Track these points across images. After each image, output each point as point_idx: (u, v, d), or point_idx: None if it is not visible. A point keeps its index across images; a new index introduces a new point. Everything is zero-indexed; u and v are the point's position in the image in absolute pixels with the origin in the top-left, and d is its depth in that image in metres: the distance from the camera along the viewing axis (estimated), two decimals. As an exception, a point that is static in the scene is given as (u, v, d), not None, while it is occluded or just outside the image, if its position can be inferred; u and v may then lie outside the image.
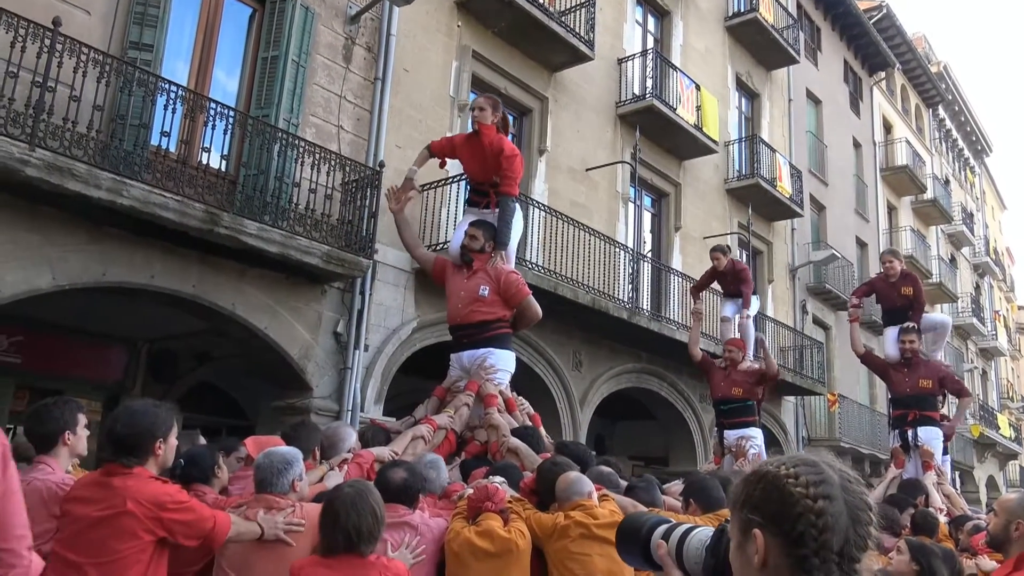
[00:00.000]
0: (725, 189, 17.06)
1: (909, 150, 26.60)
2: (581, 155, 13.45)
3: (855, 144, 24.46)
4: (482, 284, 5.42)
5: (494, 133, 5.63)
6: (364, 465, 4.21)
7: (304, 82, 9.30)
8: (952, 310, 30.14)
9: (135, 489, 2.85)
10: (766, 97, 19.41)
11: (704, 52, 17.22)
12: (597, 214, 13.48)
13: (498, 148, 5.57)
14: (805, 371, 17.21)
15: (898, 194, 26.78)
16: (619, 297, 12.66)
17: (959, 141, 34.41)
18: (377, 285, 9.87)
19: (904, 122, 28.44)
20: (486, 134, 5.60)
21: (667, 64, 15.07)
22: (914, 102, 29.94)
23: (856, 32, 24.24)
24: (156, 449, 2.98)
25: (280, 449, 3.50)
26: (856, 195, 23.83)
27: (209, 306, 8.39)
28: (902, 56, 27.19)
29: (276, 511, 3.23)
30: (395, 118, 10.48)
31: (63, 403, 3.39)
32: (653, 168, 15.02)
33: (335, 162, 8.98)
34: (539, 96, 12.82)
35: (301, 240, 8.38)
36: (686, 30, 16.74)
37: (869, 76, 25.90)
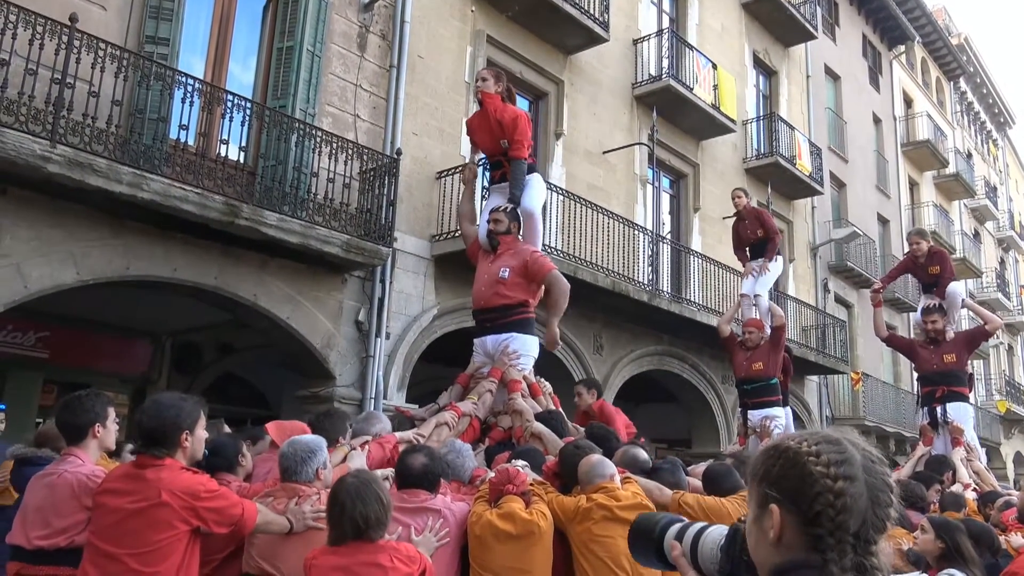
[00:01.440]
0: (744, 168, 16.90)
1: (930, 124, 26.22)
2: (598, 138, 13.38)
3: (875, 120, 24.15)
4: (503, 266, 5.42)
5: (499, 101, 5.63)
6: (387, 446, 4.22)
7: (320, 72, 9.31)
8: (977, 285, 29.79)
9: (168, 480, 2.89)
10: (784, 74, 19.18)
11: (720, 30, 17.03)
12: (615, 197, 13.42)
13: (502, 114, 5.57)
14: (828, 350, 17.08)
15: (920, 169, 26.43)
16: (639, 280, 12.62)
17: (981, 114, 33.87)
18: (397, 273, 9.90)
19: (925, 96, 28.03)
20: (489, 103, 5.60)
21: (683, 43, 14.92)
22: (935, 75, 29.48)
23: (874, 5, 23.87)
24: (183, 441, 3.01)
25: (304, 438, 3.52)
26: (877, 171, 23.55)
27: (231, 297, 8.45)
28: (922, 29, 26.75)
29: (302, 499, 3.25)
30: (411, 105, 10.47)
31: (94, 396, 3.43)
32: (671, 149, 14.91)
33: (352, 151, 8.99)
34: (555, 79, 12.75)
35: (320, 230, 8.41)
36: (702, 9, 16.56)
37: (888, 50, 25.52)
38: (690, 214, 15.45)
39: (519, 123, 5.54)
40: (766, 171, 16.81)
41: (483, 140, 5.86)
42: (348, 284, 9.45)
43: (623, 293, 11.88)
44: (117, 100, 7.19)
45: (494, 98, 5.61)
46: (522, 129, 5.56)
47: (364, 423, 4.48)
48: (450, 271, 10.18)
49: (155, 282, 8.09)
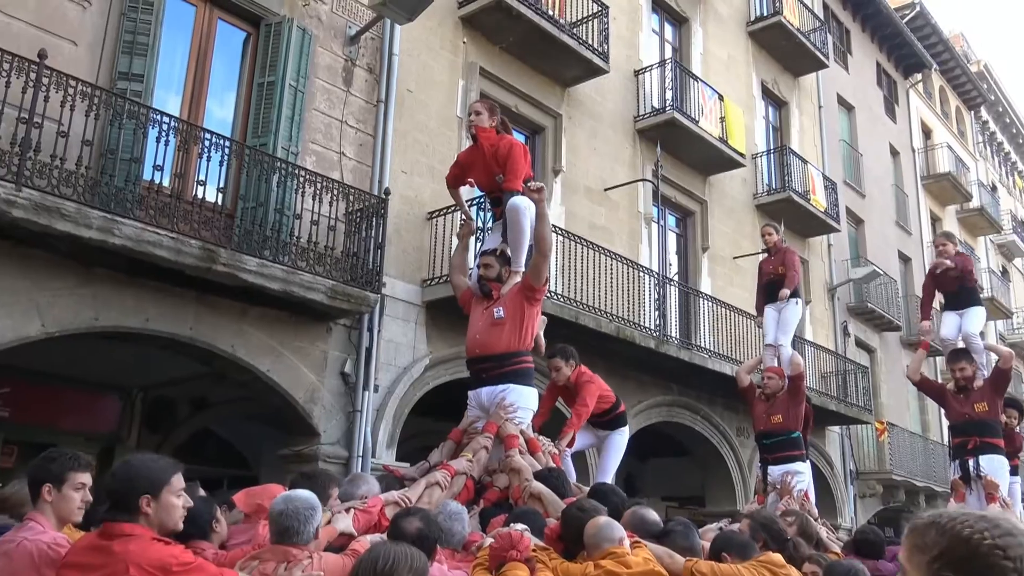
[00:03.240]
0: (755, 205, 17.04)
1: (951, 156, 26.50)
2: (599, 174, 13.50)
3: (892, 151, 24.42)
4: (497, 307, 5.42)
5: (493, 135, 5.68)
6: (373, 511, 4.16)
7: (303, 108, 9.41)
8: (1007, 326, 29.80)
9: (137, 553, 2.77)
10: (795, 105, 19.44)
11: (726, 60, 17.30)
12: (618, 236, 13.49)
13: (496, 145, 5.63)
14: (850, 398, 17.03)
15: (941, 203, 26.64)
16: (645, 325, 12.62)
17: (1005, 144, 34.26)
18: (386, 321, 9.90)
19: (944, 126, 28.38)
20: (484, 138, 5.65)
21: (687, 74, 15.14)
22: (954, 104, 29.88)
23: (888, 32, 24.30)
24: (144, 506, 2.89)
25: (301, 493, 3.42)
26: (896, 206, 23.74)
27: (207, 349, 8.43)
28: (939, 56, 27.20)
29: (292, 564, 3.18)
30: (400, 142, 10.57)
31: (62, 455, 3.32)
32: (677, 185, 15.04)
33: (338, 191, 9.05)
34: (552, 113, 12.91)
35: (304, 275, 8.42)
36: (706, 37, 16.85)
37: (904, 79, 25.91)
38: (698, 254, 15.52)
39: (513, 151, 5.59)
40: (778, 207, 16.92)
41: (479, 177, 5.91)
42: (333, 333, 9.44)
43: (628, 339, 11.87)
44: (87, 140, 7.26)
45: (489, 132, 5.66)
46: (515, 157, 5.59)
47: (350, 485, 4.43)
48: (442, 318, 10.17)
49: (126, 333, 8.07)
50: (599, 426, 6.99)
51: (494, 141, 5.64)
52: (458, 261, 6.16)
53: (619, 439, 7.03)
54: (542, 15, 11.80)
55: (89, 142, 7.28)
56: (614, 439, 7.02)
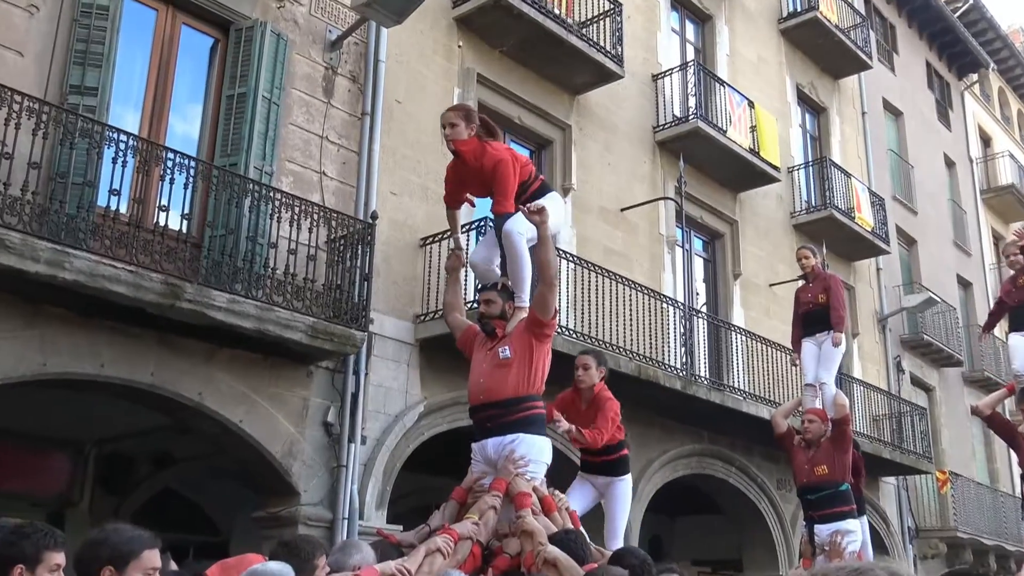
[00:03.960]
0: (792, 225, 17.08)
1: (1014, 166, 26.60)
2: (614, 192, 13.56)
3: (947, 162, 24.51)
4: (503, 347, 5.40)
5: (475, 144, 5.66)
6: (368, 583, 4.14)
7: (278, 122, 9.48)
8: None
9: None
10: (835, 111, 19.56)
11: (756, 61, 17.44)
12: (637, 263, 13.51)
13: (482, 161, 5.62)
14: (906, 444, 16.94)
15: (1005, 219, 26.66)
16: (670, 363, 12.60)
17: (1075, 152, 34.38)
18: (374, 363, 9.89)
19: (1005, 132, 28.50)
20: (467, 153, 5.64)
21: (712, 78, 15.25)
22: (1015, 107, 30.04)
23: (939, 28, 24.47)
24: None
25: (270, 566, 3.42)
26: (953, 224, 23.78)
27: (170, 397, 8.42)
28: (997, 54, 27.36)
29: None
30: (388, 159, 10.63)
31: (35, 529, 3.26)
32: (703, 204, 15.10)
33: (318, 216, 9.09)
34: (560, 124, 12.99)
35: (280, 312, 8.43)
36: (732, 36, 17.00)
37: (958, 80, 26.07)
38: (729, 281, 15.54)
39: (499, 170, 5.58)
40: (819, 227, 16.96)
41: (476, 191, 5.93)
42: (314, 378, 9.43)
43: (651, 380, 11.84)
44: (35, 162, 7.30)
45: (470, 144, 5.65)
46: (503, 176, 5.56)
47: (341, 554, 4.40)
48: (439, 358, 10.17)
49: (78, 381, 8.06)
50: (598, 470, 6.98)
51: (478, 153, 5.63)
52: (451, 298, 6.13)
53: (624, 488, 7.04)
54: (547, 14, 11.91)
55: (36, 164, 7.33)
56: (619, 489, 7.02)
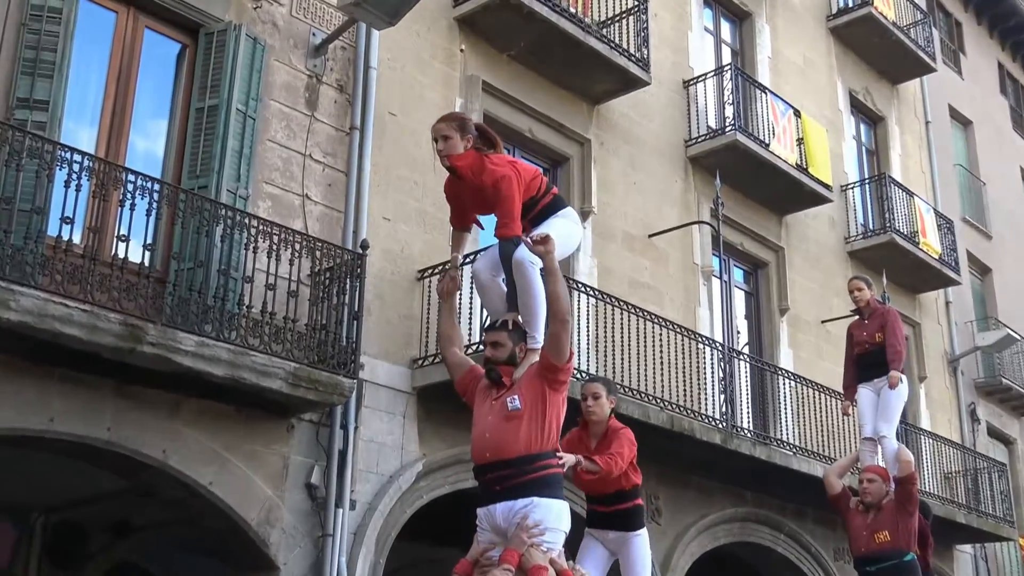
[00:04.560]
0: (847, 252, 17.07)
1: (1104, 182, 26.53)
2: (641, 216, 13.57)
3: (1025, 178, 24.47)
4: (512, 396, 5.35)
5: (472, 159, 5.64)
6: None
7: (254, 139, 9.52)
8: None
9: None
10: (893, 120, 19.59)
11: (802, 64, 17.51)
12: (668, 297, 13.50)
13: (480, 178, 5.58)
14: (983, 506, 16.76)
15: (1094, 244, 26.59)
16: (708, 413, 12.53)
17: None
18: (365, 415, 9.86)
19: (1092, 143, 28.44)
20: (463, 168, 5.62)
21: (752, 84, 15.31)
22: (1103, 115, 30.03)
23: (1012, 25, 24.54)
24: None
25: None
26: (1034, 249, 23.69)
27: (130, 456, 8.38)
28: (1080, 53, 27.39)
29: None
30: (381, 180, 10.67)
31: None
32: (743, 228, 15.11)
33: (300, 245, 9.10)
34: (577, 138, 13.04)
35: (257, 357, 8.42)
36: (775, 37, 17.08)
37: (1036, 83, 26.09)
38: (774, 318, 15.49)
39: (501, 188, 5.53)
40: (878, 254, 16.92)
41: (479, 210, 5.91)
42: (296, 433, 9.40)
43: (685, 433, 11.78)
44: (-24, 187, 7.34)
45: (466, 159, 5.64)
46: (505, 196, 5.51)
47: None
48: (440, 409, 10.14)
49: (24, 438, 8.03)
50: (609, 523, 6.87)
51: (476, 169, 5.61)
52: (447, 329, 6.08)
53: (642, 544, 6.92)
54: (562, 13, 11.99)
55: (-22, 189, 7.36)
56: (636, 546, 6.91)
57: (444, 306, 6.09)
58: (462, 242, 6.12)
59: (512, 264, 5.50)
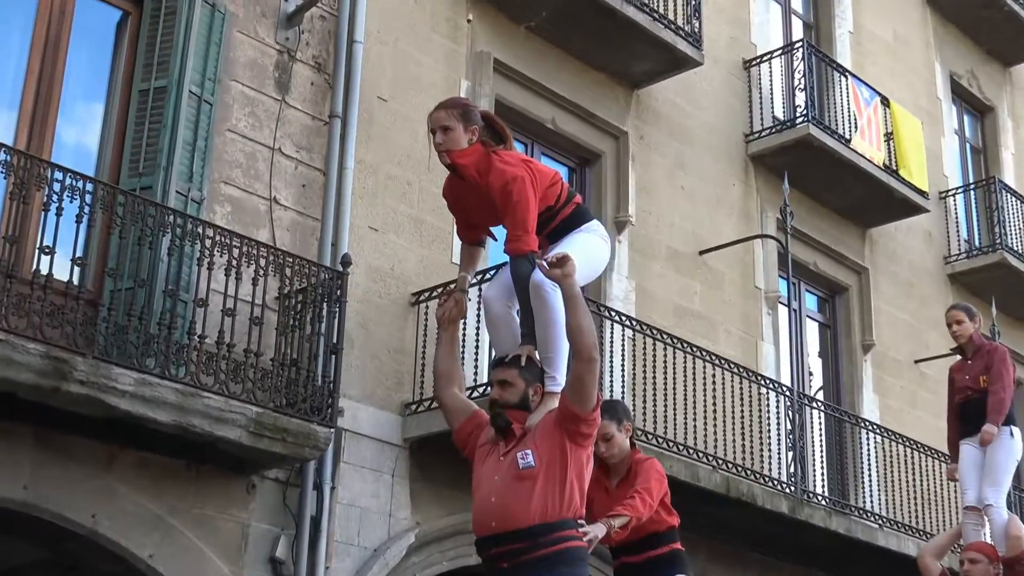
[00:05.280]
0: (947, 274, 16.97)
1: None
2: (690, 227, 13.54)
3: None
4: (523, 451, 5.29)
5: (478, 156, 5.59)
6: None
7: (211, 129, 9.53)
8: None
9: None
10: (1005, 112, 19.50)
11: (892, 42, 17.48)
12: (723, 329, 13.45)
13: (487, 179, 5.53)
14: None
15: None
16: (772, 475, 12.48)
17: None
18: (344, 473, 9.82)
19: None
20: (466, 167, 5.58)
21: (829, 65, 15.29)
22: None
23: None
24: None
25: None
26: None
27: (52, 522, 8.35)
28: None
29: None
30: (367, 181, 10.67)
31: None
32: (818, 244, 15.07)
33: (267, 261, 9.09)
34: (611, 131, 13.03)
35: (211, 399, 8.38)
36: (858, 7, 17.05)
37: None
38: (856, 356, 15.42)
39: (514, 190, 5.47)
40: (985, 277, 16.81)
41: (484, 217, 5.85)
42: (259, 494, 9.38)
43: (745, 499, 11.72)
44: None
45: (470, 155, 5.59)
46: (520, 201, 5.46)
47: None
48: (437, 466, 10.12)
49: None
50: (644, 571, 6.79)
51: (482, 168, 5.57)
52: (446, 365, 5.99)
53: None
54: (594, -24, 12.02)
55: None
56: None
57: (443, 335, 6.02)
58: (474, 259, 6.05)
59: (529, 288, 5.45)
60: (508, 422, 5.33)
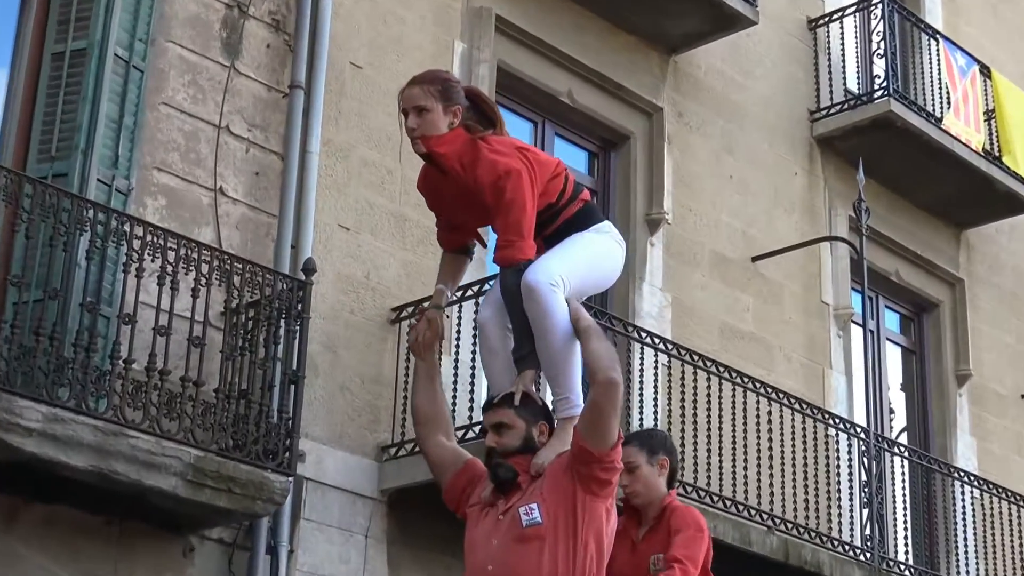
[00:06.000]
0: (1065, 288, 16.95)
1: None
2: (740, 228, 13.55)
3: None
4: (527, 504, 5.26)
5: (461, 143, 5.57)
6: None
7: (142, 102, 9.54)
8: None
9: None
10: None
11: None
12: (782, 355, 13.45)
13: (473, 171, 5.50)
14: None
15: None
16: (842, 539, 12.47)
17: None
18: (306, 532, 9.82)
19: None
20: (448, 157, 5.56)
21: (916, 26, 15.29)
22: None
23: None
24: None
25: None
26: None
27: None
28: None
29: None
30: (336, 167, 10.71)
31: None
32: (901, 250, 15.09)
33: (211, 267, 9.09)
34: (643, 107, 13.06)
35: (139, 439, 8.37)
36: (952, -47, 17.08)
37: None
38: (949, 389, 15.41)
39: (510, 187, 5.45)
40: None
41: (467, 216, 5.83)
42: (199, 558, 9.37)
43: (809, 569, 11.74)
44: None
45: (450, 143, 5.57)
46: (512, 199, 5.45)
47: None
48: (421, 525, 10.13)
49: None
50: None
51: (466, 158, 5.56)
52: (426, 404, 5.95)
53: None
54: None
55: None
56: None
57: (419, 368, 6.00)
58: (456, 270, 6.00)
59: (522, 293, 5.42)
60: (515, 473, 5.29)
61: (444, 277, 5.95)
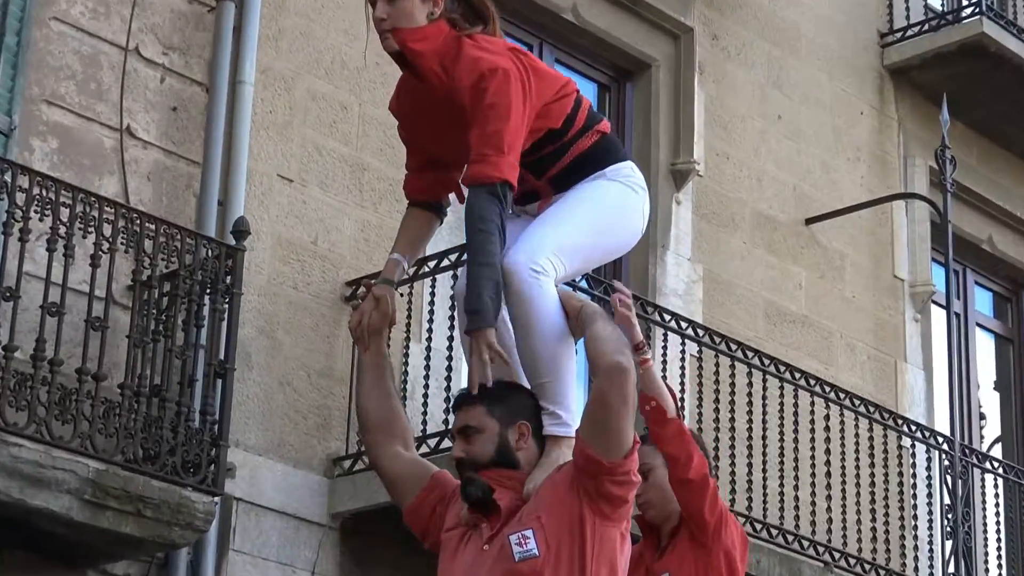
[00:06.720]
0: None
1: None
2: (790, 182, 13.55)
3: None
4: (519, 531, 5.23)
5: (443, 40, 5.49)
6: None
7: (27, 16, 9.52)
8: None
9: None
10: None
11: None
12: (845, 343, 13.50)
13: (454, 67, 5.41)
14: None
15: None
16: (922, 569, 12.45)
17: None
18: (235, 565, 9.83)
19: None
20: (421, 55, 5.49)
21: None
22: None
23: None
24: None
25: None
26: None
27: None
28: None
29: None
30: (276, 101, 10.71)
31: None
32: (995, 210, 15.14)
33: (115, 229, 9.06)
34: (670, 27, 13.08)
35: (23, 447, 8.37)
36: None
37: None
38: (1056, 388, 15.44)
39: (486, 92, 5.38)
40: None
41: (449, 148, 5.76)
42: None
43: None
44: None
45: (430, 39, 5.51)
46: (493, 105, 5.36)
47: None
48: (381, 556, 10.20)
49: None
50: None
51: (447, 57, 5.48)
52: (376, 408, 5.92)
53: None
54: None
55: None
56: None
57: (364, 360, 5.92)
58: (420, 232, 5.88)
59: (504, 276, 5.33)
60: (488, 491, 5.23)
61: (402, 242, 5.77)
